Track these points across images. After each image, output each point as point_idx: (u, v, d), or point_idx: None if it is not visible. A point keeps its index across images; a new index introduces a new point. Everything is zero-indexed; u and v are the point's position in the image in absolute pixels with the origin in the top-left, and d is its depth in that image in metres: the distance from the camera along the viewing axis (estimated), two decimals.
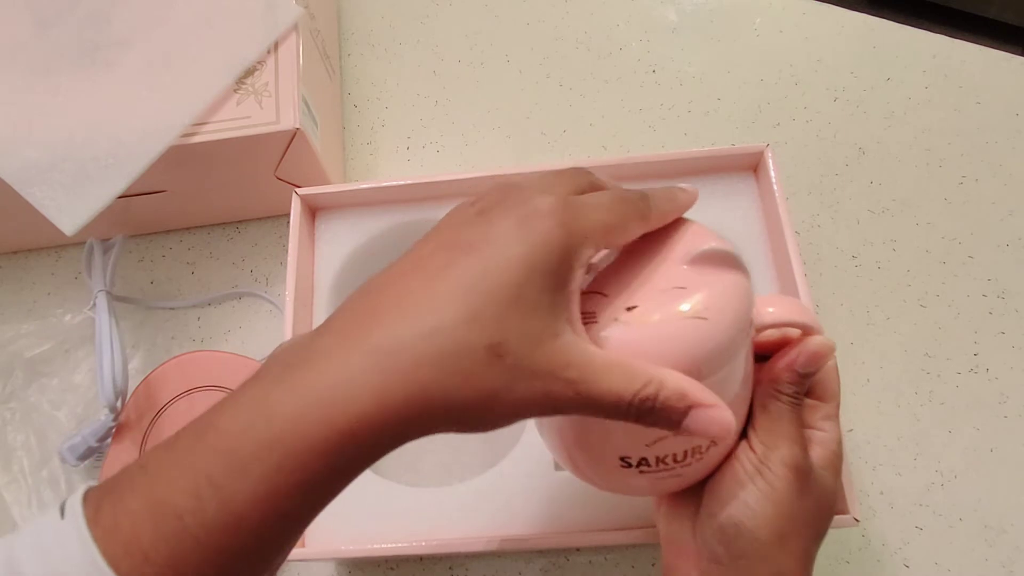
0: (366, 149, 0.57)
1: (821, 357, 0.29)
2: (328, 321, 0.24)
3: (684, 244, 0.28)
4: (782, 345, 0.31)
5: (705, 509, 0.29)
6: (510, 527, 0.40)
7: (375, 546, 0.38)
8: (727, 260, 0.27)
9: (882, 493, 0.44)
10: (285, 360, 0.23)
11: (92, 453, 0.46)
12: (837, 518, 0.36)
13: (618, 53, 0.59)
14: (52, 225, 0.42)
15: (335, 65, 0.58)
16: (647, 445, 0.28)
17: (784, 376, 0.29)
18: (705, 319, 0.26)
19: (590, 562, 0.44)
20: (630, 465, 0.28)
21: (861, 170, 0.53)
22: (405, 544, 0.38)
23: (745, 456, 0.29)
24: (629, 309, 0.26)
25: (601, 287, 0.27)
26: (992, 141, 0.53)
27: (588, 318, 0.26)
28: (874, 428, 0.46)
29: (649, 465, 0.28)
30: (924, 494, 0.44)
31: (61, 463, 0.48)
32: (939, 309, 0.49)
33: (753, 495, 0.28)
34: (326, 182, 0.49)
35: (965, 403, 0.46)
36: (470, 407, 0.22)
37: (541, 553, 0.44)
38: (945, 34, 0.57)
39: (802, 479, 0.28)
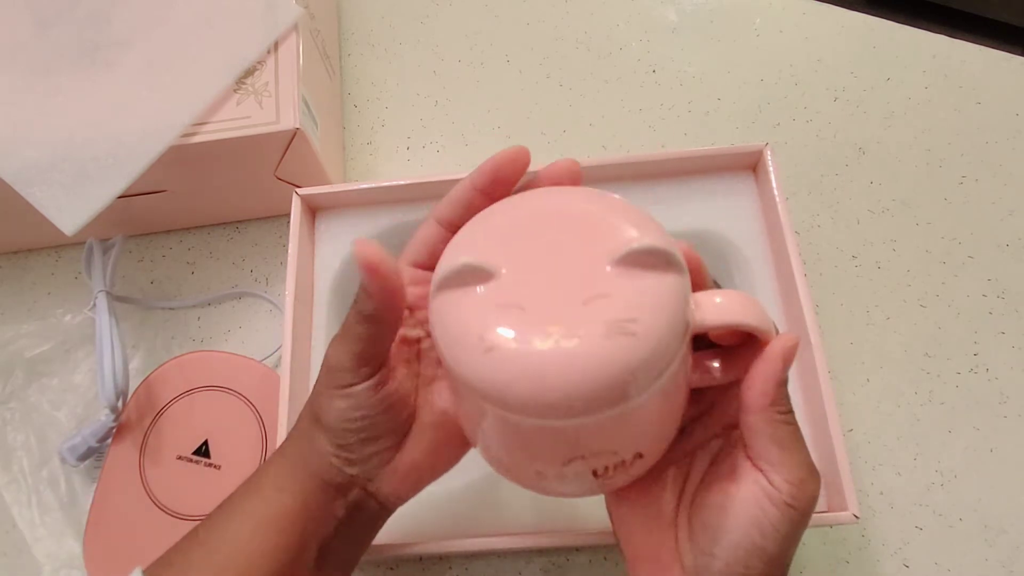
0: (366, 149, 0.57)
1: (793, 354, 0.27)
2: None
3: (608, 234, 0.26)
4: (738, 336, 0.28)
5: (720, 549, 0.27)
6: (510, 527, 0.40)
7: (375, 546, 0.38)
8: (657, 258, 0.25)
9: (882, 493, 0.44)
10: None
11: (92, 453, 0.46)
12: (837, 516, 0.36)
13: (618, 53, 0.59)
14: (52, 225, 0.42)
15: (335, 65, 0.58)
16: (562, 464, 0.27)
17: (781, 394, 0.27)
18: (633, 335, 0.23)
19: (590, 562, 0.44)
20: (547, 477, 0.28)
21: (861, 170, 0.53)
22: (405, 544, 0.38)
23: (768, 500, 0.27)
24: (550, 329, 0.24)
25: (519, 297, 0.25)
26: (992, 141, 0.53)
27: (506, 340, 0.24)
28: (874, 428, 0.46)
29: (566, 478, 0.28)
30: (924, 494, 0.44)
31: (61, 463, 0.48)
32: (939, 309, 0.49)
33: (777, 545, 0.26)
34: (326, 182, 0.49)
35: (965, 403, 0.46)
36: (322, 452, 0.31)
37: (541, 553, 0.44)
38: (945, 34, 0.57)
39: None
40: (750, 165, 0.46)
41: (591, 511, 0.39)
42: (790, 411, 0.27)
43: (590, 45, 0.59)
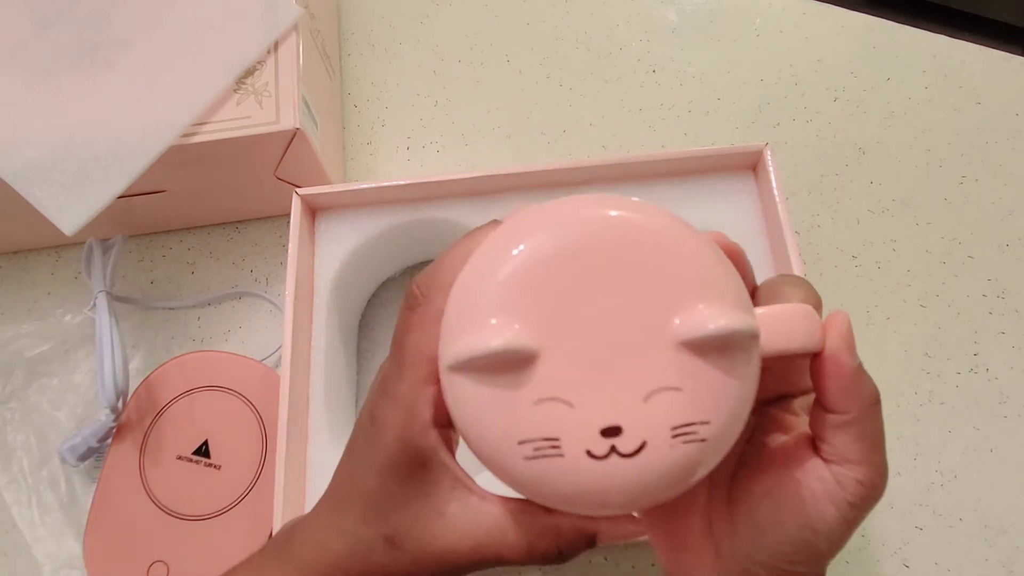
0: (366, 149, 0.57)
1: (850, 334, 0.24)
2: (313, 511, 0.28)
3: (675, 298, 0.20)
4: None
5: (766, 542, 0.25)
6: None
7: None
8: (736, 344, 0.20)
9: None
10: (278, 540, 0.28)
11: (92, 453, 0.46)
12: None
13: (618, 53, 0.59)
14: (52, 225, 0.42)
15: (335, 65, 0.58)
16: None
17: (861, 384, 0.24)
18: (704, 441, 0.20)
19: (590, 562, 0.44)
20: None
21: (861, 170, 0.53)
22: None
23: (829, 499, 0.24)
24: (605, 433, 0.20)
25: (562, 388, 0.20)
26: (992, 141, 0.53)
27: (551, 448, 0.20)
28: None
29: None
30: (924, 494, 0.44)
31: (61, 463, 0.48)
32: (939, 309, 0.49)
33: (829, 544, 0.24)
34: (326, 182, 0.49)
35: (965, 403, 0.46)
36: None
37: None
38: (945, 34, 0.57)
39: None
40: (750, 165, 0.46)
41: None
42: (878, 401, 0.24)
43: (590, 45, 0.59)
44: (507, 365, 0.20)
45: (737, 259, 0.24)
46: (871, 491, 0.24)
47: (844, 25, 0.58)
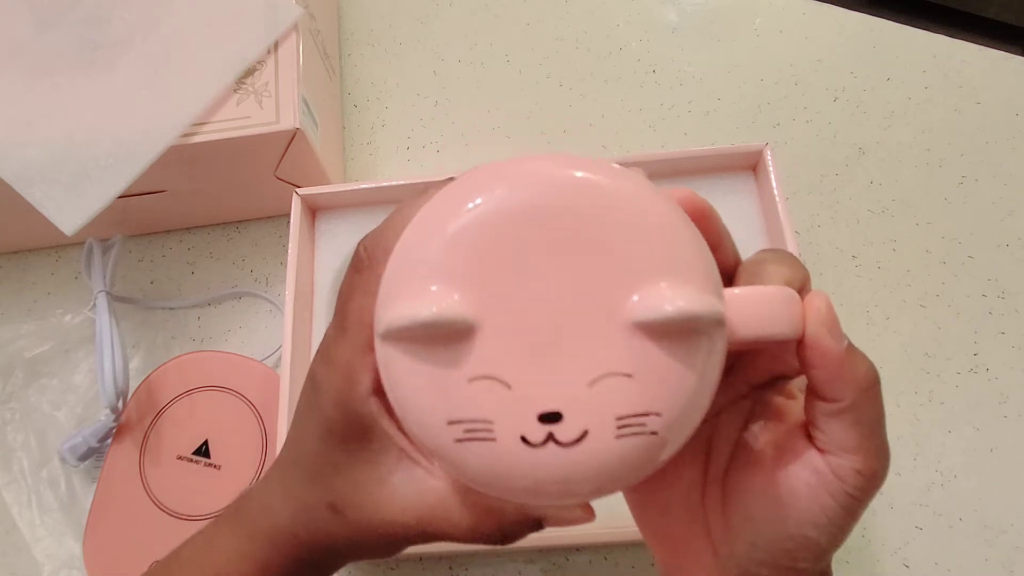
0: (366, 149, 0.57)
1: (833, 318, 0.22)
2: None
3: (633, 275, 0.18)
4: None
5: (764, 540, 0.24)
6: None
7: None
8: (698, 330, 0.18)
9: (882, 493, 0.44)
10: (230, 508, 0.28)
11: (92, 453, 0.46)
12: None
13: (618, 53, 0.59)
14: (52, 225, 0.42)
15: (335, 65, 0.58)
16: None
17: (854, 371, 0.22)
18: (653, 434, 0.18)
19: (590, 562, 0.44)
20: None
21: (861, 170, 0.53)
22: None
23: (827, 491, 0.22)
24: (544, 419, 0.18)
25: (500, 366, 0.18)
26: (992, 141, 0.53)
27: (483, 431, 0.18)
28: None
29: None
30: (924, 494, 0.44)
31: (61, 463, 0.48)
32: (939, 309, 0.49)
33: (830, 538, 0.23)
34: (326, 182, 0.49)
35: (965, 403, 0.46)
36: (342, 553, 0.26)
37: (541, 553, 0.44)
38: (945, 34, 0.57)
39: None
40: (750, 165, 0.46)
41: None
42: (876, 382, 0.22)
43: (590, 45, 0.59)
44: (441, 337, 0.18)
45: (707, 219, 0.22)
46: (871, 480, 0.22)
47: (844, 25, 0.58)
